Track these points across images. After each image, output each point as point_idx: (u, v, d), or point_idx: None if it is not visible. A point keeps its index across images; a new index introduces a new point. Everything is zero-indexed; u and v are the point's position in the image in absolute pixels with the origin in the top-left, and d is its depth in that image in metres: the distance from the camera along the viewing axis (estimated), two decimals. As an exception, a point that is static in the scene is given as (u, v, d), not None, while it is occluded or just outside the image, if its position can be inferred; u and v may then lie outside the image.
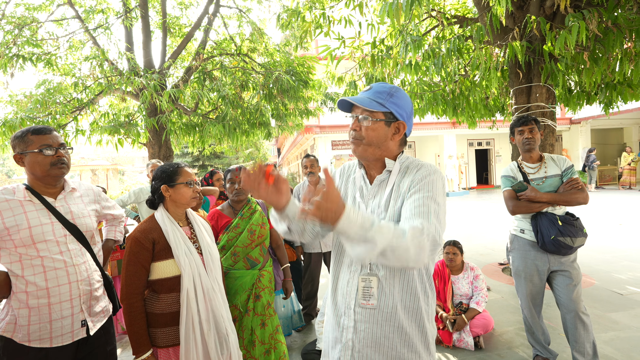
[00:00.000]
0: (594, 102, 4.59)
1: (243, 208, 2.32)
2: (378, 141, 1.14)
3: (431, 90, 4.84)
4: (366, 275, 1.11)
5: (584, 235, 2.20)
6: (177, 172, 1.70)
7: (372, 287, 1.09)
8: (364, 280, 1.11)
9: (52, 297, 1.41)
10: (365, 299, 1.09)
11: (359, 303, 1.10)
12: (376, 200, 1.16)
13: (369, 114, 1.13)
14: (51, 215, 1.48)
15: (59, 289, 1.43)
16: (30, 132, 1.49)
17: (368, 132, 1.13)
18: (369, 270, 1.12)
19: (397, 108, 1.13)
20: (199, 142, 7.04)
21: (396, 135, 1.16)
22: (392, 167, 1.17)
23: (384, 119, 1.13)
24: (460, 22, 4.39)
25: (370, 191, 1.19)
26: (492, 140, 17.13)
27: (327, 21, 4.32)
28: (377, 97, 1.13)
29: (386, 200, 1.13)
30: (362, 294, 1.10)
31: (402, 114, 1.15)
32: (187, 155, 21.65)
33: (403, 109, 1.15)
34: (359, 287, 1.11)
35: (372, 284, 1.09)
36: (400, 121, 1.15)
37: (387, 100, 1.13)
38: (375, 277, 1.10)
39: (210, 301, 1.67)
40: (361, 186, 1.22)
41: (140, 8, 6.20)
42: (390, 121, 1.14)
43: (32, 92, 5.57)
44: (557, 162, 2.32)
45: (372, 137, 1.13)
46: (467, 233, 7.06)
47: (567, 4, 2.95)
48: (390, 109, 1.12)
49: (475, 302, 2.89)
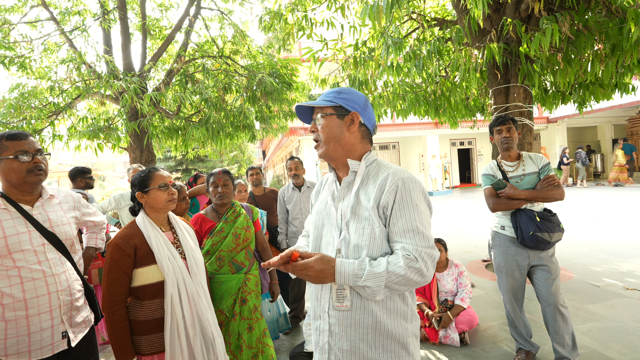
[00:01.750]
0: (568, 102, 4.76)
1: (227, 212, 2.30)
2: (334, 136, 1.15)
3: (413, 91, 4.91)
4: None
5: (561, 230, 2.28)
6: (149, 177, 1.68)
7: (344, 289, 1.08)
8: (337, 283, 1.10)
9: (31, 309, 1.37)
10: (339, 300, 1.09)
11: (333, 305, 1.10)
12: (345, 202, 1.16)
13: (319, 110, 1.17)
14: (28, 223, 1.43)
15: (38, 300, 1.38)
16: (5, 138, 1.44)
17: (323, 129, 1.16)
18: None
19: (346, 101, 1.16)
20: (182, 145, 6.94)
21: (352, 127, 1.15)
22: (357, 168, 1.16)
23: (335, 113, 1.15)
24: (440, 24, 4.48)
25: (339, 193, 1.19)
26: (473, 140, 17.51)
27: (310, 23, 4.34)
28: (325, 97, 1.18)
29: (352, 204, 1.12)
30: (335, 296, 1.09)
31: (353, 105, 1.16)
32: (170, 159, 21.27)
33: (354, 101, 1.17)
34: (332, 289, 1.10)
35: (344, 286, 1.08)
36: (353, 112, 1.15)
37: (335, 97, 1.16)
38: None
39: (195, 306, 1.65)
40: (333, 189, 1.23)
41: (118, 10, 6.08)
42: (342, 114, 1.16)
43: (4, 97, 5.37)
44: (535, 160, 2.40)
45: (327, 133, 1.15)
46: (451, 231, 7.19)
47: (541, 7, 3.05)
48: (339, 102, 1.15)
49: (460, 299, 2.95)
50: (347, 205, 1.13)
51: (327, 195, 1.24)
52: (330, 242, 1.15)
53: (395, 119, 5.22)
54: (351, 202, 1.12)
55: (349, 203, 1.13)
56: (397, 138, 16.76)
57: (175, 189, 1.79)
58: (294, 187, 3.49)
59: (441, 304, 3.01)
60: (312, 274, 1.01)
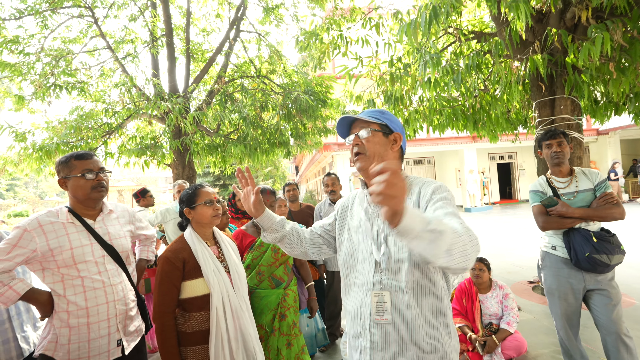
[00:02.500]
0: (622, 112, 4.45)
1: None
2: (379, 152, 1.19)
3: (450, 105, 4.82)
4: (379, 291, 1.11)
5: (622, 252, 2.10)
6: (195, 193, 1.76)
7: (385, 301, 1.08)
8: (377, 296, 1.10)
9: (91, 317, 1.47)
10: (379, 314, 1.08)
11: (373, 320, 1.09)
12: (380, 218, 1.17)
13: (366, 124, 1.21)
14: (91, 236, 1.55)
15: (98, 308, 1.48)
16: (74, 158, 1.58)
17: (369, 143, 1.18)
18: (382, 286, 1.11)
19: (391, 122, 1.23)
20: (220, 162, 7.22)
21: (394, 146, 1.22)
22: None
23: (381, 130, 1.20)
24: (477, 37, 4.40)
25: (374, 209, 1.20)
26: (514, 154, 16.72)
27: (345, 42, 4.43)
28: (371, 114, 1.23)
29: None
30: (375, 310, 1.09)
31: (395, 127, 1.23)
32: (209, 175, 22.15)
33: (396, 123, 1.25)
34: (372, 303, 1.10)
35: (385, 299, 1.08)
36: (396, 132, 1.22)
37: (380, 116, 1.23)
38: (388, 292, 1.09)
39: (238, 319, 1.69)
40: (365, 206, 1.23)
41: (165, 36, 6.55)
42: (387, 133, 1.21)
43: (66, 119, 5.91)
44: (589, 176, 2.25)
45: (373, 148, 1.18)
46: (492, 250, 6.83)
47: (588, 15, 2.92)
48: (385, 121, 1.21)
49: (506, 323, 2.78)
50: (383, 221, 1.14)
51: (360, 212, 1.24)
52: (367, 259, 1.16)
53: (431, 133, 5.13)
54: None
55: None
56: (433, 152, 16.37)
57: (220, 204, 1.86)
58: (330, 203, 3.50)
59: (485, 327, 2.85)
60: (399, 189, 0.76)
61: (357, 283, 1.17)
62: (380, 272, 1.11)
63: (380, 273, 1.11)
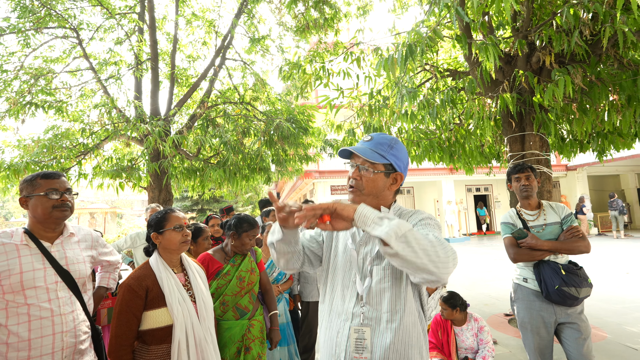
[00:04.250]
0: (587, 150, 4.71)
1: (235, 254, 2.27)
2: (377, 191, 1.16)
3: (427, 137, 4.98)
4: (359, 326, 1.06)
5: (589, 285, 2.14)
6: (164, 217, 1.70)
7: (365, 338, 1.04)
8: (357, 332, 1.06)
9: (33, 350, 1.34)
10: (358, 351, 1.03)
11: (351, 357, 1.04)
12: (368, 247, 1.16)
13: (370, 165, 1.15)
14: (45, 260, 1.46)
15: (42, 340, 1.36)
16: (40, 177, 1.52)
17: (368, 183, 1.15)
18: (362, 321, 1.07)
19: (396, 160, 1.17)
20: (199, 186, 7.10)
21: (393, 186, 1.19)
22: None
23: (383, 171, 1.16)
24: (452, 75, 4.64)
25: (362, 239, 1.18)
26: (490, 186, 17.26)
27: (327, 73, 4.57)
28: (378, 149, 1.16)
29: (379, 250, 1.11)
30: (354, 347, 1.04)
31: (400, 165, 1.18)
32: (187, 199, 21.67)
33: (402, 160, 1.19)
34: (351, 338, 1.05)
35: (365, 335, 1.04)
36: (399, 172, 1.18)
37: (387, 152, 1.16)
38: (368, 328, 1.05)
39: (202, 353, 1.59)
40: (354, 233, 1.22)
41: (151, 61, 6.59)
42: (389, 172, 1.17)
43: (40, 137, 5.73)
44: (556, 209, 2.33)
45: (371, 187, 1.15)
46: (469, 281, 6.86)
47: (552, 60, 3.14)
48: (391, 160, 1.16)
49: (482, 357, 2.74)
50: (372, 250, 1.14)
51: (347, 238, 1.22)
52: (348, 286, 1.14)
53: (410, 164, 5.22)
54: (377, 248, 1.12)
55: (375, 249, 1.13)
56: (412, 183, 16.69)
57: (190, 229, 1.81)
58: (304, 230, 3.45)
59: (462, 362, 2.80)
60: (337, 206, 0.92)
61: (335, 310, 1.14)
62: (362, 306, 1.09)
63: (361, 307, 1.09)
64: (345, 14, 6.20)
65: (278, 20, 7.25)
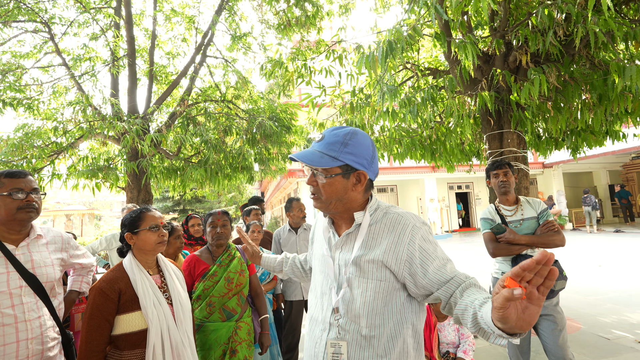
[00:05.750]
0: (562, 148, 4.86)
1: (222, 254, 2.23)
2: (338, 195, 1.04)
3: (409, 135, 5.03)
4: (335, 340, 1.00)
5: (564, 278, 2.20)
6: (139, 217, 1.63)
7: (341, 353, 0.98)
8: (333, 346, 1.00)
9: None
10: None
11: None
12: (343, 253, 1.08)
13: (322, 170, 1.03)
14: (8, 263, 1.38)
15: (4, 348, 1.29)
16: (4, 175, 1.44)
17: (325, 188, 1.04)
18: (338, 333, 1.01)
19: (353, 157, 1.02)
20: (180, 186, 6.95)
21: (358, 185, 1.05)
22: (362, 220, 1.06)
23: (340, 173, 1.03)
24: (433, 73, 4.70)
25: (337, 243, 1.11)
26: (471, 184, 17.64)
27: (309, 71, 4.54)
28: (329, 150, 1.03)
29: (356, 257, 1.03)
30: (331, 356, 0.99)
31: (360, 162, 1.03)
32: (168, 199, 21.23)
33: (361, 156, 1.04)
34: (327, 352, 1.00)
35: (341, 350, 0.98)
36: (360, 170, 1.04)
37: (341, 151, 1.02)
38: (344, 342, 0.99)
39: (178, 357, 1.54)
40: (329, 237, 1.15)
41: (128, 57, 6.39)
42: (348, 172, 1.03)
43: (9, 136, 5.47)
44: (533, 204, 2.38)
45: (329, 192, 1.04)
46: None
47: (528, 59, 3.22)
48: (345, 160, 1.02)
49: (463, 351, 2.78)
50: (349, 258, 1.05)
51: (323, 242, 1.16)
52: (326, 293, 1.08)
53: (393, 162, 5.28)
54: (353, 255, 1.04)
55: (351, 256, 1.04)
56: (395, 181, 16.89)
57: (166, 229, 1.75)
58: (290, 229, 3.43)
59: (443, 356, 2.83)
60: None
61: (314, 318, 1.11)
62: (337, 319, 1.02)
63: (337, 320, 1.02)
64: (327, 12, 6.19)
65: (260, 18, 7.16)
